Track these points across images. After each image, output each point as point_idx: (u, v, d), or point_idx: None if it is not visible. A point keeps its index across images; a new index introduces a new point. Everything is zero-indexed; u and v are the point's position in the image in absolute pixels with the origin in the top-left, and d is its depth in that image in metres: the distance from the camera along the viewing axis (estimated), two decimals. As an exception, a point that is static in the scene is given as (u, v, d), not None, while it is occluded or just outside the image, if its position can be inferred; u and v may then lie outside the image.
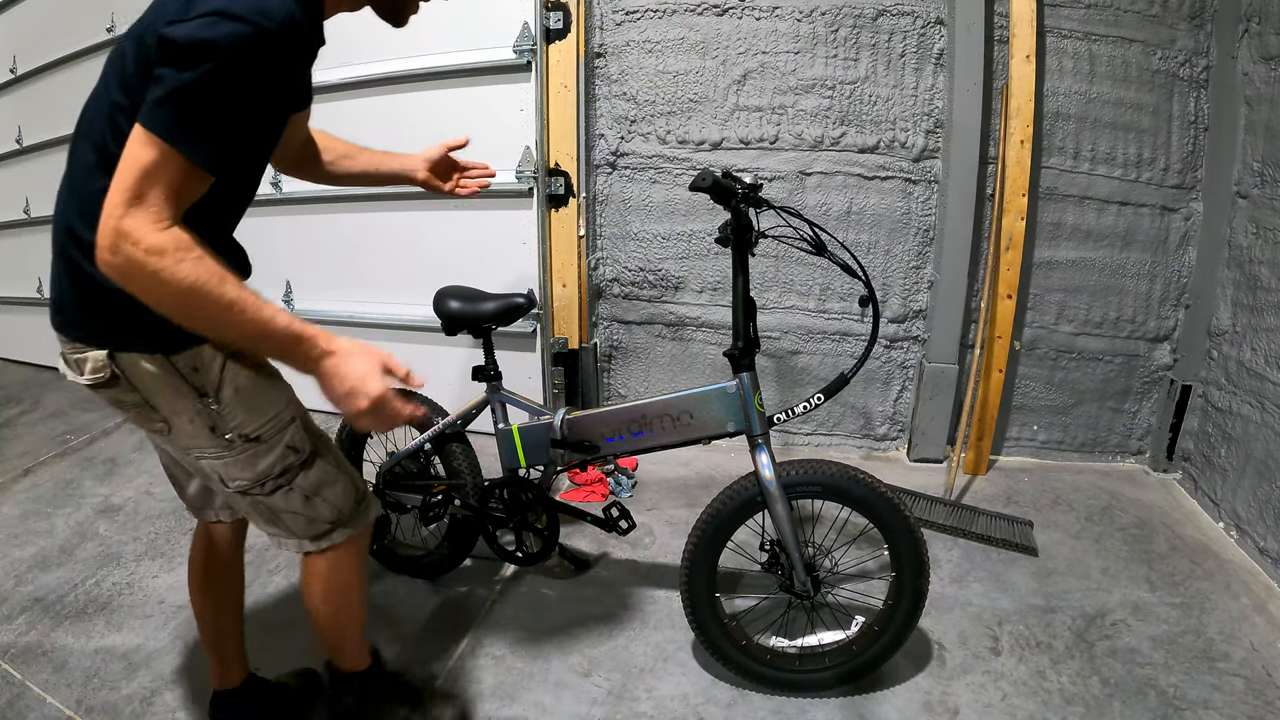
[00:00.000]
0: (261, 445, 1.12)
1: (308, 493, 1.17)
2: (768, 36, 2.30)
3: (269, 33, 0.90)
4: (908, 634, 1.53)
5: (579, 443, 1.61)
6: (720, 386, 1.51)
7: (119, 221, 0.88)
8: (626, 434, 1.58)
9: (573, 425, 1.61)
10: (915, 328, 2.48)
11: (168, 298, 0.91)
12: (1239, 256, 2.15)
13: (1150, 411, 2.49)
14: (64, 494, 2.45)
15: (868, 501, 1.46)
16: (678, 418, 1.54)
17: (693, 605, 1.55)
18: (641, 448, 1.60)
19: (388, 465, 1.87)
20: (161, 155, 0.89)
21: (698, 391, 1.53)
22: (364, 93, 2.57)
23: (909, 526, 1.46)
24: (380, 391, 1.00)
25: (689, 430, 1.54)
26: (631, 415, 1.57)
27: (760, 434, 1.48)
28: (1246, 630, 1.75)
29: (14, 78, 3.50)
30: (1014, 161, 2.20)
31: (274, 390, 1.14)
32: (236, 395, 1.09)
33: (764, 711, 1.54)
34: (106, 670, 1.66)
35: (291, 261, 2.89)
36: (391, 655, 1.70)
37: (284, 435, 1.14)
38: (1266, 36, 2.02)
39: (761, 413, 1.49)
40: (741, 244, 1.44)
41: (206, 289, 0.91)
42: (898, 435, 2.61)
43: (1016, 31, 2.14)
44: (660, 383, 2.67)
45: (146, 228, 0.89)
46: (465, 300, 1.72)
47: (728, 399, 1.50)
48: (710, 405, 1.51)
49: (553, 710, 1.55)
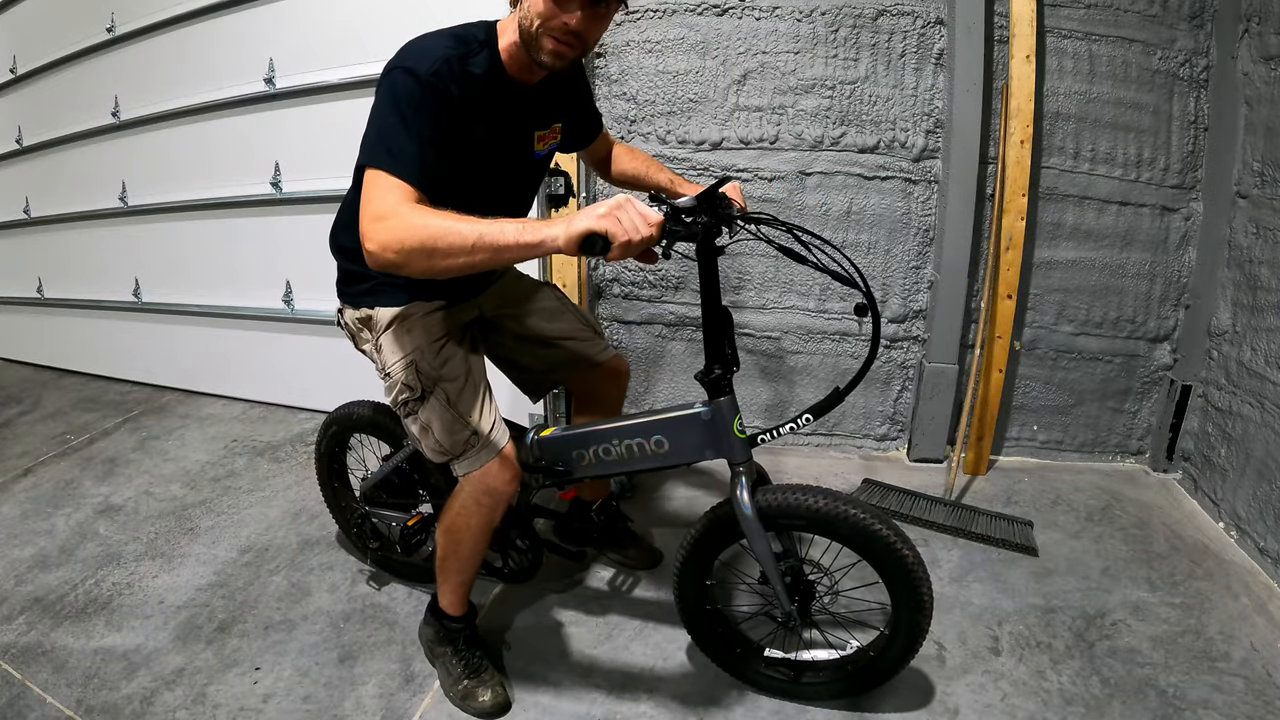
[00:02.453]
0: (389, 380, 1.45)
1: (423, 424, 1.44)
2: (768, 36, 2.30)
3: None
4: (904, 664, 1.46)
5: (550, 465, 1.53)
6: (694, 412, 1.39)
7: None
8: (598, 457, 1.49)
9: (544, 446, 1.54)
10: (915, 328, 2.48)
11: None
12: (1239, 256, 2.15)
13: (1150, 411, 2.49)
14: (64, 494, 2.45)
15: (858, 538, 1.34)
16: (650, 443, 1.43)
17: (686, 616, 1.56)
18: (615, 472, 1.51)
19: (368, 485, 1.83)
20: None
21: (669, 416, 1.41)
22: (365, 93, 2.56)
23: (905, 566, 1.34)
24: (604, 226, 1.08)
25: (664, 457, 1.44)
26: (602, 438, 1.47)
27: (741, 461, 1.37)
28: (1246, 630, 1.75)
29: (14, 78, 3.50)
30: (1014, 161, 2.20)
31: (403, 341, 1.44)
32: (382, 344, 1.46)
33: (764, 712, 1.54)
34: (106, 670, 1.67)
35: (292, 261, 2.89)
36: (392, 654, 1.70)
37: (401, 375, 1.43)
38: (1266, 36, 2.02)
39: (741, 438, 1.37)
40: (708, 250, 1.31)
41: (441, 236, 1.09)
42: (898, 435, 2.61)
43: (1016, 31, 2.14)
44: (660, 383, 2.67)
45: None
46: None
47: (702, 426, 1.38)
48: (683, 431, 1.40)
49: (553, 710, 1.55)
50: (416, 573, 1.92)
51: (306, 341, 2.94)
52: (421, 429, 1.44)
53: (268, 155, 2.81)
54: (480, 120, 1.30)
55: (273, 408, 3.09)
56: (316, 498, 2.35)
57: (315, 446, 1.99)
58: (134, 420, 3.05)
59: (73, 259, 3.54)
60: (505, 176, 1.45)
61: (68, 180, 3.43)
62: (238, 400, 3.17)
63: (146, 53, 3.00)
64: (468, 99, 1.26)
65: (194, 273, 3.15)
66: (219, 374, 3.23)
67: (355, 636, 1.76)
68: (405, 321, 1.44)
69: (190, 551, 2.11)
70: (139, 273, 3.32)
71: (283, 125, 2.76)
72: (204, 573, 2.01)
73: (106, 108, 3.14)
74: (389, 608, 1.86)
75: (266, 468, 2.59)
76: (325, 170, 2.73)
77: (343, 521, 2.04)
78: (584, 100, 1.62)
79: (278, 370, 3.05)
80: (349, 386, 2.90)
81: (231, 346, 3.14)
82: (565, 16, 1.21)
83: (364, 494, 1.86)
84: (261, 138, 2.81)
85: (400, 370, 1.43)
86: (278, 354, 3.03)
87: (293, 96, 2.70)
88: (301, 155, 2.77)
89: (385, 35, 2.55)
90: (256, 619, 1.83)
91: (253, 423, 2.97)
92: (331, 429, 1.93)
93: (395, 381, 1.44)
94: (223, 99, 2.83)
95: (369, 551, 1.92)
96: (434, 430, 1.43)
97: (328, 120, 2.67)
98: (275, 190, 2.82)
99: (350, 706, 1.56)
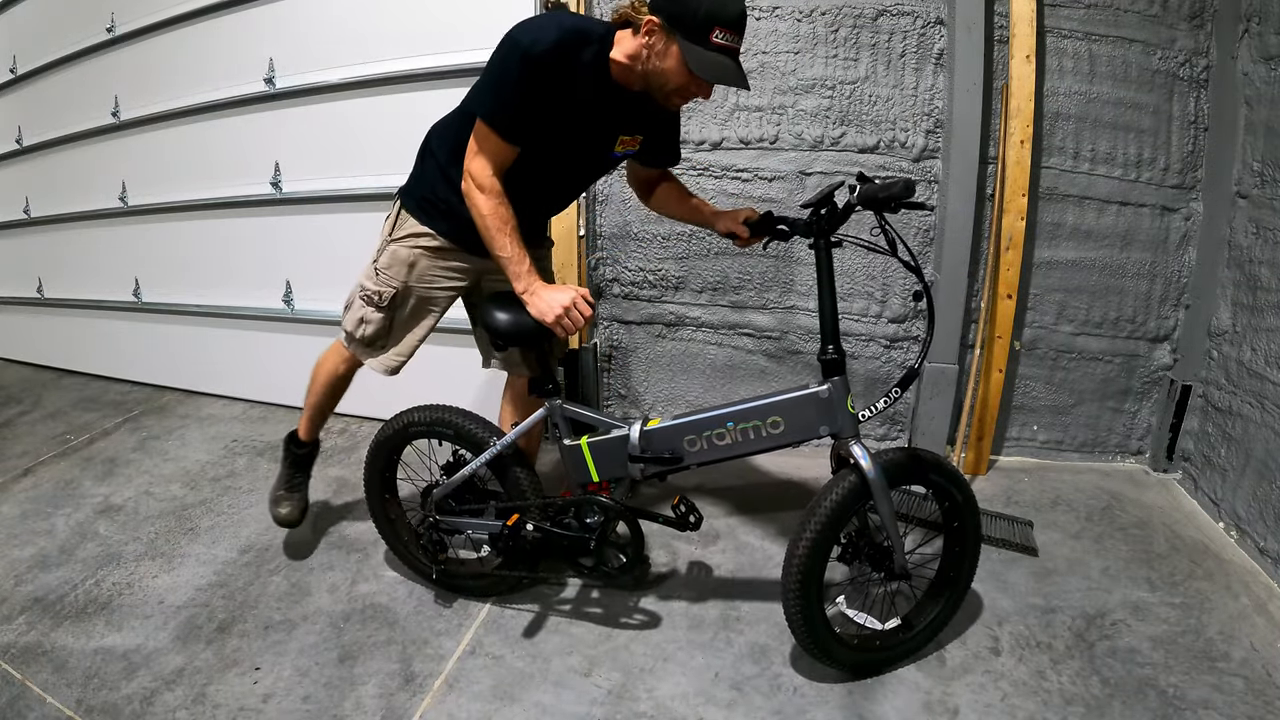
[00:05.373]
0: (373, 274, 1.74)
1: (361, 317, 1.75)
2: (768, 36, 2.30)
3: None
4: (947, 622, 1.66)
5: (660, 455, 1.56)
6: (812, 392, 1.47)
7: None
8: (710, 443, 1.54)
9: (651, 437, 1.57)
10: (915, 327, 2.48)
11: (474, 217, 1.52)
12: (1239, 256, 2.15)
13: (1150, 411, 2.49)
14: (64, 494, 2.45)
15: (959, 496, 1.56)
16: (766, 424, 1.50)
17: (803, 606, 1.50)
18: (727, 456, 1.55)
19: (440, 494, 1.77)
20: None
21: (788, 397, 1.49)
22: (365, 93, 2.57)
23: (979, 529, 1.61)
24: (554, 316, 1.49)
25: (777, 437, 1.50)
26: (715, 423, 1.52)
27: (852, 436, 1.46)
28: (1246, 630, 1.75)
29: (14, 78, 3.50)
30: (1014, 161, 2.20)
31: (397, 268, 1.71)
32: (390, 249, 1.73)
33: (764, 712, 1.54)
34: (106, 670, 1.66)
35: (291, 261, 2.89)
36: (392, 654, 1.70)
37: (377, 285, 1.73)
38: (1266, 36, 2.02)
39: (853, 414, 1.47)
40: (827, 241, 1.46)
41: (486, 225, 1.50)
42: (897, 435, 2.61)
43: (1016, 31, 2.14)
44: (660, 383, 2.67)
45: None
46: (517, 310, 1.56)
47: (821, 404, 1.47)
48: (801, 411, 1.48)
49: (553, 710, 1.55)
50: (484, 587, 1.86)
51: (307, 342, 2.93)
52: (358, 318, 1.75)
53: (267, 155, 2.81)
54: (574, 105, 1.47)
55: (273, 408, 3.09)
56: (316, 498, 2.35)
57: (367, 462, 1.87)
58: (134, 420, 3.05)
59: (73, 259, 3.55)
60: (580, 162, 1.63)
61: (68, 180, 3.43)
62: (238, 400, 3.17)
63: (146, 53, 3.00)
64: (568, 83, 1.43)
65: (194, 273, 3.15)
66: (219, 374, 3.22)
67: (355, 636, 1.76)
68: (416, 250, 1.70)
69: (190, 551, 2.11)
70: (139, 273, 3.32)
71: (283, 125, 2.76)
72: (204, 573, 2.01)
73: (106, 108, 3.14)
74: (389, 608, 1.86)
75: (267, 468, 2.59)
76: (325, 170, 2.73)
77: (394, 540, 1.92)
78: (672, 127, 1.75)
79: (278, 370, 3.04)
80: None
81: (232, 347, 3.14)
82: (697, 90, 1.45)
83: (436, 503, 1.78)
84: (261, 138, 2.81)
85: (383, 284, 1.72)
86: (278, 354, 3.03)
87: (293, 96, 2.70)
88: (301, 155, 2.77)
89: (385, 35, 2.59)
90: (256, 619, 1.83)
91: (253, 423, 2.97)
92: (398, 435, 1.80)
93: (373, 283, 1.73)
94: (223, 99, 2.83)
95: (435, 568, 1.83)
96: (366, 324, 1.74)
97: (328, 120, 2.67)
98: (275, 190, 2.82)
99: (350, 706, 1.56)
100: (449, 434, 1.76)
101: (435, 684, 1.61)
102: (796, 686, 1.60)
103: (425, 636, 1.76)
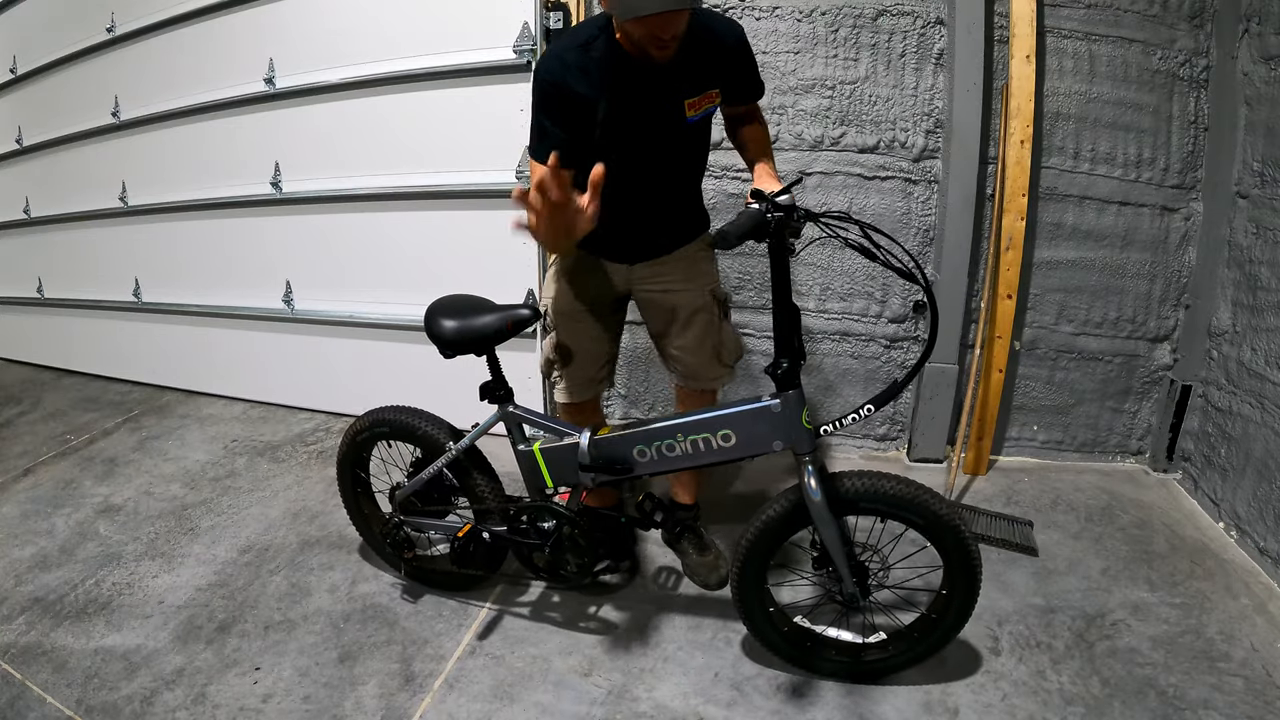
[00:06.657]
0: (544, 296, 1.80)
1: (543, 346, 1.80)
2: (768, 36, 2.30)
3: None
4: (951, 639, 1.55)
5: (609, 464, 1.53)
6: (763, 405, 1.40)
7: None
8: (660, 454, 1.49)
9: (600, 446, 1.54)
10: (916, 327, 2.48)
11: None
12: (1239, 256, 2.15)
13: (1150, 411, 2.49)
14: (64, 494, 2.45)
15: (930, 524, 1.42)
16: (716, 437, 1.44)
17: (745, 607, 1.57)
18: (678, 468, 1.51)
19: (403, 495, 1.79)
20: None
21: (738, 410, 1.42)
22: (365, 93, 2.57)
23: (969, 553, 1.43)
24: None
25: (729, 450, 1.44)
26: (665, 434, 1.47)
27: (807, 451, 1.39)
28: (1246, 630, 1.75)
29: (14, 78, 3.50)
30: (1014, 161, 2.20)
31: (552, 286, 1.76)
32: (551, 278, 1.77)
33: (764, 712, 1.54)
34: (106, 670, 1.67)
35: (291, 261, 2.89)
36: (392, 654, 1.70)
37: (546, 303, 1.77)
38: (1266, 36, 2.02)
39: (809, 429, 1.39)
40: (780, 247, 1.34)
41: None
42: (898, 435, 2.61)
43: (1016, 31, 2.14)
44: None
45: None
46: (461, 316, 1.58)
47: (773, 418, 1.40)
48: (752, 424, 1.41)
49: (553, 710, 1.55)
50: (453, 581, 1.89)
51: (306, 342, 2.94)
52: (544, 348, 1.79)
53: (267, 155, 2.81)
54: (608, 97, 1.46)
55: (273, 408, 3.09)
56: (317, 498, 2.35)
57: (339, 456, 1.91)
58: (134, 420, 3.05)
59: (73, 259, 3.55)
60: (657, 142, 1.58)
61: (68, 180, 3.43)
62: (238, 400, 3.17)
63: (146, 53, 3.00)
64: (589, 82, 1.44)
65: (194, 273, 3.15)
66: (219, 374, 3.23)
67: (355, 636, 1.76)
68: (557, 268, 1.76)
69: (190, 551, 2.11)
70: (139, 272, 3.32)
71: (282, 125, 2.76)
72: (204, 573, 2.01)
73: (106, 108, 3.14)
74: (389, 608, 1.86)
75: (266, 468, 2.59)
76: (325, 170, 2.73)
77: (368, 533, 1.99)
78: (744, 67, 1.62)
79: (278, 370, 3.05)
80: (348, 387, 2.92)
81: (231, 346, 3.14)
82: (648, 31, 1.35)
83: (400, 503, 1.81)
84: (261, 138, 2.81)
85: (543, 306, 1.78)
86: (278, 354, 3.03)
87: (293, 96, 2.70)
88: (301, 155, 2.77)
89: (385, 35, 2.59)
90: (256, 619, 1.83)
91: (253, 423, 2.97)
92: (360, 435, 1.84)
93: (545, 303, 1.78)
94: (223, 99, 2.83)
95: (403, 563, 1.87)
96: (543, 349, 1.79)
97: (327, 120, 2.67)
98: (275, 190, 2.82)
99: (350, 706, 1.56)
100: (407, 437, 1.79)
101: (435, 684, 1.62)
102: (796, 686, 1.60)
103: (425, 636, 1.76)
